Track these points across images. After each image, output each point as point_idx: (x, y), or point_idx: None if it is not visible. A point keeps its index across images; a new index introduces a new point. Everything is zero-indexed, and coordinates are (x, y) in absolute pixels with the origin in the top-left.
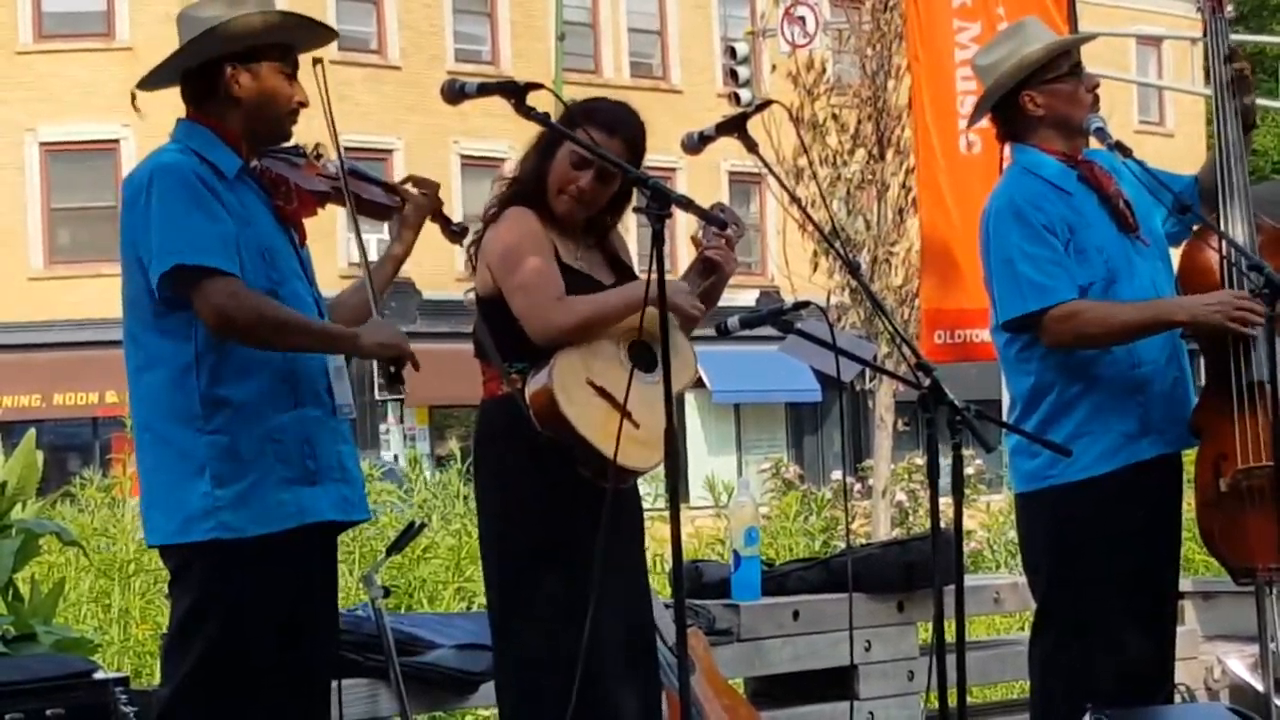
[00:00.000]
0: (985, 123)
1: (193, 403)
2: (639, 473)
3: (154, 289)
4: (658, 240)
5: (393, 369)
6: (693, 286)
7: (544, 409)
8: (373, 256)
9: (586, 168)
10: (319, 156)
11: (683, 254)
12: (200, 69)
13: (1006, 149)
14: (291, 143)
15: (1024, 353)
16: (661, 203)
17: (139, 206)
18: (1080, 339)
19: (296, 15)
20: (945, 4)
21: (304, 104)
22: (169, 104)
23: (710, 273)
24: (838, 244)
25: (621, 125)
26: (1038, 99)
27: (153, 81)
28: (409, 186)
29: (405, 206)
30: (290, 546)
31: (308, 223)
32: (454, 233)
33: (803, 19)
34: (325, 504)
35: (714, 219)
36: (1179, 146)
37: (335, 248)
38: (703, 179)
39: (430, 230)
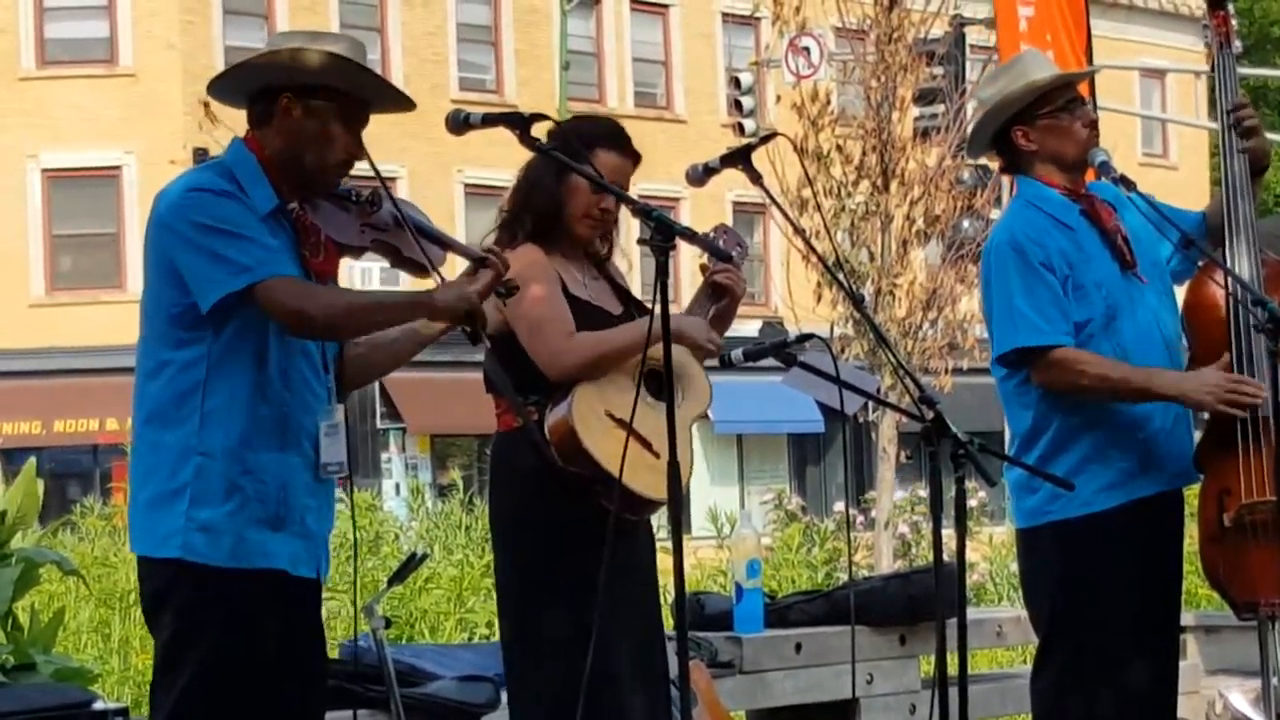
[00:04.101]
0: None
1: (190, 422)
2: (659, 503)
3: (205, 309)
4: (661, 272)
5: (469, 328)
6: (701, 312)
7: (564, 442)
8: (374, 285)
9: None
10: (373, 204)
11: (686, 283)
12: (264, 93)
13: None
14: (348, 186)
15: (1022, 387)
16: (665, 235)
17: (172, 224)
18: (1071, 388)
19: (374, 73)
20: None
21: (357, 158)
22: (172, 131)
23: (719, 297)
24: (841, 276)
25: (628, 142)
26: (1030, 134)
27: (219, 92)
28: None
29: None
30: (260, 585)
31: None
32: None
33: (807, 50)
34: (284, 553)
35: (719, 252)
36: (1183, 179)
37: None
38: (707, 209)
39: None
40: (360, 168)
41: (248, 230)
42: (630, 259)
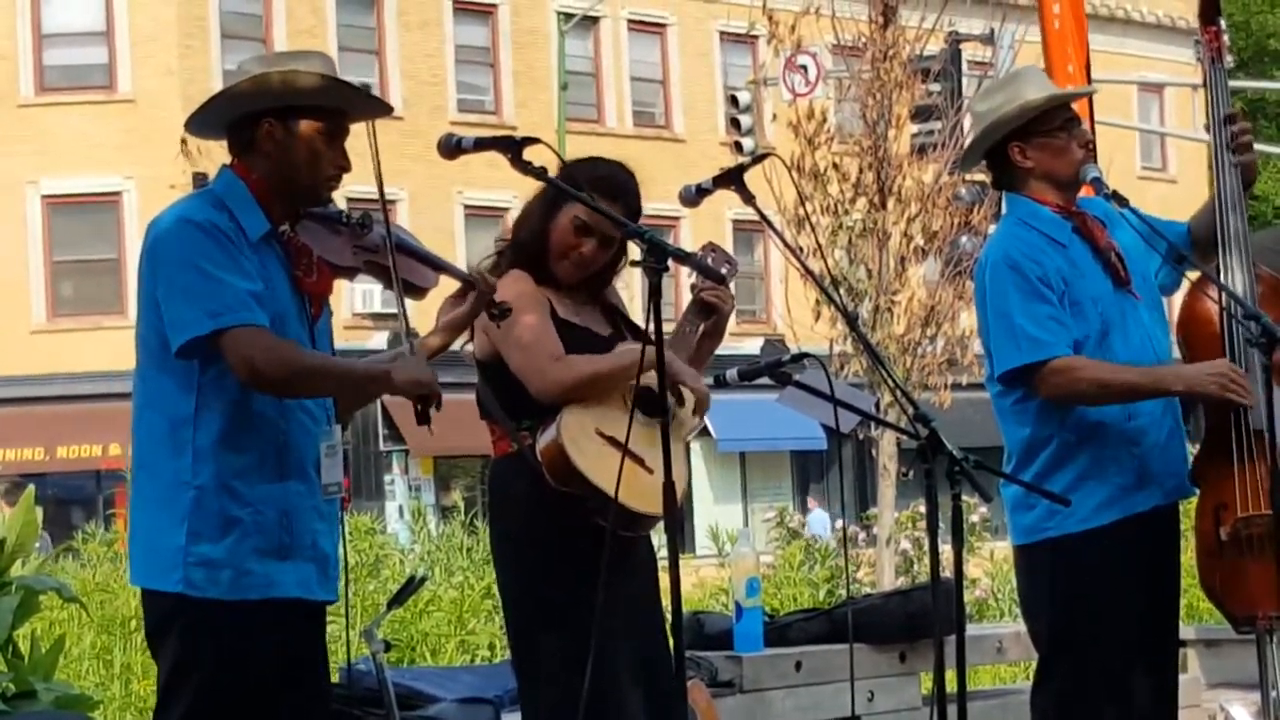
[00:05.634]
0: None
1: (184, 455)
2: (655, 518)
3: (174, 349)
4: (655, 294)
5: (420, 407)
6: (691, 328)
7: (555, 463)
8: (376, 307)
9: (589, 235)
10: (364, 226)
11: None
12: (242, 120)
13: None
14: (339, 208)
15: (1019, 404)
16: (658, 257)
17: (159, 256)
18: (1076, 395)
19: (346, 83)
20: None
21: (345, 169)
22: (172, 156)
23: (708, 314)
24: (837, 295)
25: (624, 192)
26: (1026, 151)
27: (197, 126)
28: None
29: (464, 299)
30: (261, 617)
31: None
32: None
33: (804, 68)
34: (292, 580)
35: (712, 274)
36: (1182, 193)
37: (340, 296)
38: (707, 228)
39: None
40: (361, 190)
41: (226, 271)
42: (627, 279)
